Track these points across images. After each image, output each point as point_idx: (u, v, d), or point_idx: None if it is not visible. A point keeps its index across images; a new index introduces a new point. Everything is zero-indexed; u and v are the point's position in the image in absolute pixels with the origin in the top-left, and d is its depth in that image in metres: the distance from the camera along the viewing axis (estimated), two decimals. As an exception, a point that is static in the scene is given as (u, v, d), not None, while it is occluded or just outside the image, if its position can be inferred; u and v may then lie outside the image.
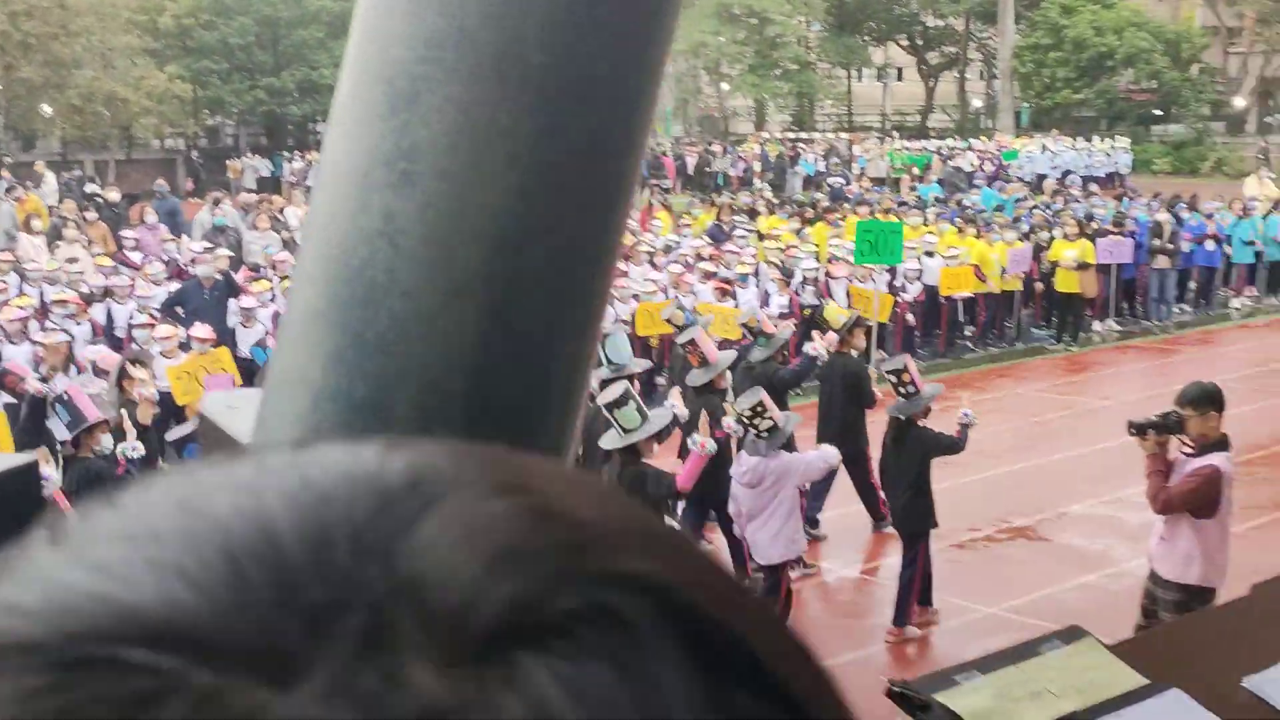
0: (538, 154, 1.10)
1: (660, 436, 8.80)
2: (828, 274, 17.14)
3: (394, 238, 1.09)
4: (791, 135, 45.93)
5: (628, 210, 1.22)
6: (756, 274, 17.06)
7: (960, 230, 20.27)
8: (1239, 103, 50.80)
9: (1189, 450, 7.66)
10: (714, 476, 9.25)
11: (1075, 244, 19.34)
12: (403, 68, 1.09)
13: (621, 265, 17.33)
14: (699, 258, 17.66)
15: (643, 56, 1.15)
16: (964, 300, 18.21)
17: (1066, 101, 48.28)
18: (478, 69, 1.08)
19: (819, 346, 11.49)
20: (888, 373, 9.73)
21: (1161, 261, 20.82)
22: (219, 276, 15.42)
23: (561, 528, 0.37)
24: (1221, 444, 7.65)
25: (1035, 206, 23.66)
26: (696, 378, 10.53)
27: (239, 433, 1.28)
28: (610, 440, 8.42)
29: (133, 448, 9.40)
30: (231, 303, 14.83)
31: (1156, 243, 20.80)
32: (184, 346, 12.70)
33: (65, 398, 9.44)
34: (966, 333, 18.73)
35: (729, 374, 10.77)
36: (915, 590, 9.33)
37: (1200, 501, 7.56)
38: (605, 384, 9.35)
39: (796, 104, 53.21)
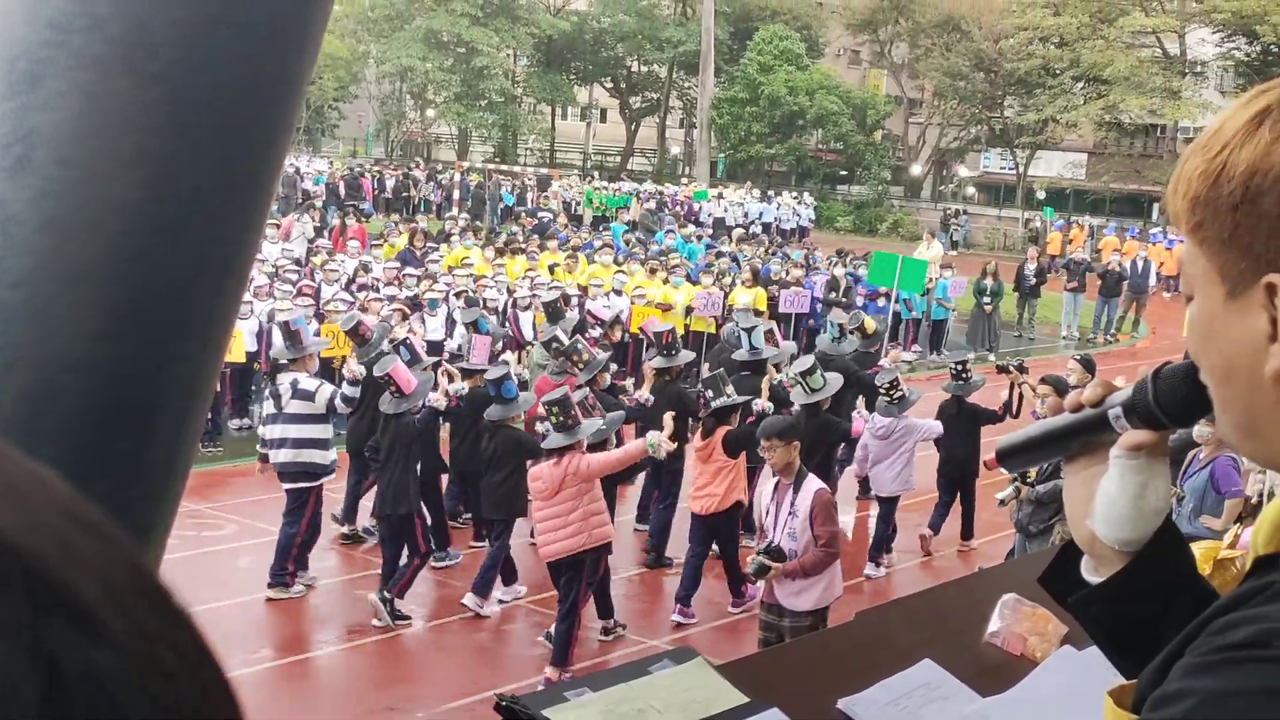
0: (167, 151, 1.07)
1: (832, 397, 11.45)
2: (513, 303, 17.31)
3: (5, 225, 1.04)
4: (493, 167, 46.09)
5: (263, 219, 1.21)
6: (446, 301, 17.01)
7: (653, 271, 20.77)
8: (916, 170, 54.01)
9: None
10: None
11: (750, 290, 20.13)
12: (25, 49, 1.04)
13: (311, 284, 17.09)
14: (388, 282, 17.54)
15: (283, 66, 1.14)
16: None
17: (760, 155, 50.20)
18: (107, 58, 1.04)
19: (890, 365, 14.12)
20: (955, 363, 12.69)
21: (836, 314, 21.85)
22: None
23: None
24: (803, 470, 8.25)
25: (722, 254, 24.47)
26: (762, 352, 12.85)
27: None
28: (799, 396, 11.22)
29: None
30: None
31: (832, 296, 21.85)
32: None
33: None
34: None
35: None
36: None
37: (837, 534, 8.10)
38: (745, 365, 12.61)
39: (500, 136, 53.47)
